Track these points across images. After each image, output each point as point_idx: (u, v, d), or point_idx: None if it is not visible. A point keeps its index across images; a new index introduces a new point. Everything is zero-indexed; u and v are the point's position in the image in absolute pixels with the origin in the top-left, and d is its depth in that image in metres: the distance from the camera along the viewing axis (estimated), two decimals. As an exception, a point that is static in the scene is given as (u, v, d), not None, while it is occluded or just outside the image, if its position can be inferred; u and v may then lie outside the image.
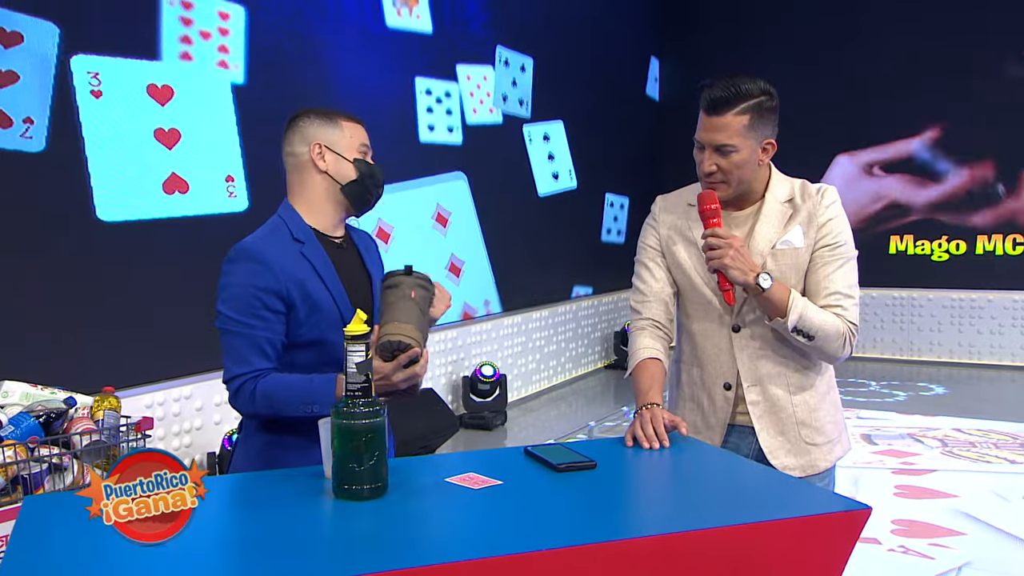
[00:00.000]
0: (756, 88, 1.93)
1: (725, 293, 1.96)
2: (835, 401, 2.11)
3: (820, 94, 7.95)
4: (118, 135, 3.64)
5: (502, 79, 6.34)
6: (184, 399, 3.83)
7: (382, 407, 1.53)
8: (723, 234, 1.93)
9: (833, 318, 1.94)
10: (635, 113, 8.40)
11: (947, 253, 7.91)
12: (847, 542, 1.49)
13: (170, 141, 3.84)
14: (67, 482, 2.49)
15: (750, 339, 2.02)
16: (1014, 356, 7.64)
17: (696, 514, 1.51)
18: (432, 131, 5.66)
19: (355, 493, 1.49)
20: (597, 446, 2.00)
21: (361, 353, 1.52)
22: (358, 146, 2.00)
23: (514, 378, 6.40)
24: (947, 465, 4.75)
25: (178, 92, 3.89)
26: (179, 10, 3.91)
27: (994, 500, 4.13)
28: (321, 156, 1.96)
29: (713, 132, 1.94)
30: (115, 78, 3.63)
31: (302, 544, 1.33)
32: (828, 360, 2.02)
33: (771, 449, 2.02)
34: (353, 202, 2.00)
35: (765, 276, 1.91)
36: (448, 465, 1.70)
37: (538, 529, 1.41)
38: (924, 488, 4.30)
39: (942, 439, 5.30)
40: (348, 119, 2.01)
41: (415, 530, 1.41)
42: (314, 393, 1.81)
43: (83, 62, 3.51)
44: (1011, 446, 5.17)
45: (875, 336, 8.12)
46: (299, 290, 1.88)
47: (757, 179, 2.01)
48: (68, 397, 2.70)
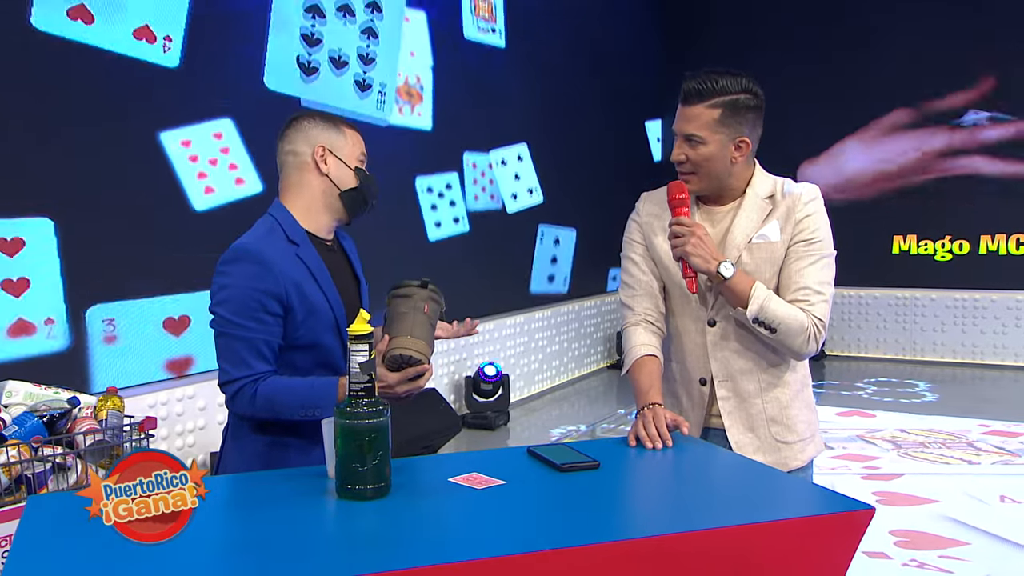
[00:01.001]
0: (735, 85, 1.93)
1: (688, 281, 1.96)
2: (808, 400, 2.10)
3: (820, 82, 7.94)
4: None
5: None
6: (187, 399, 3.83)
7: (386, 407, 1.53)
8: (687, 222, 1.94)
9: (798, 312, 1.93)
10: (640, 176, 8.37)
11: (950, 253, 7.89)
12: (851, 542, 1.49)
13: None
14: (71, 482, 2.49)
15: (723, 334, 2.02)
16: (1017, 356, 7.62)
17: (699, 514, 1.51)
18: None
19: (358, 493, 1.49)
20: (600, 446, 2.00)
21: (364, 353, 1.53)
22: (358, 154, 2.01)
23: (516, 378, 6.40)
24: (911, 468, 4.70)
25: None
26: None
27: (975, 504, 4.09)
28: (324, 159, 1.95)
29: (683, 122, 1.96)
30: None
31: (305, 544, 1.33)
32: (793, 356, 2.00)
33: (740, 445, 2.01)
34: (348, 209, 2.00)
35: (727, 265, 1.91)
36: (451, 465, 1.70)
37: (541, 529, 1.41)
38: (902, 494, 4.24)
39: (891, 440, 5.25)
40: (350, 126, 2.02)
41: (418, 530, 1.41)
42: (316, 397, 1.81)
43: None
44: (959, 445, 5.15)
45: (878, 336, 8.11)
46: (297, 293, 1.86)
47: (736, 176, 2.01)
48: (72, 397, 2.70)
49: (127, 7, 3.63)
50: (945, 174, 7.87)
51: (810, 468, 2.09)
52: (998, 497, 4.18)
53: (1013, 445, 5.18)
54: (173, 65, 3.85)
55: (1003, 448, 5.11)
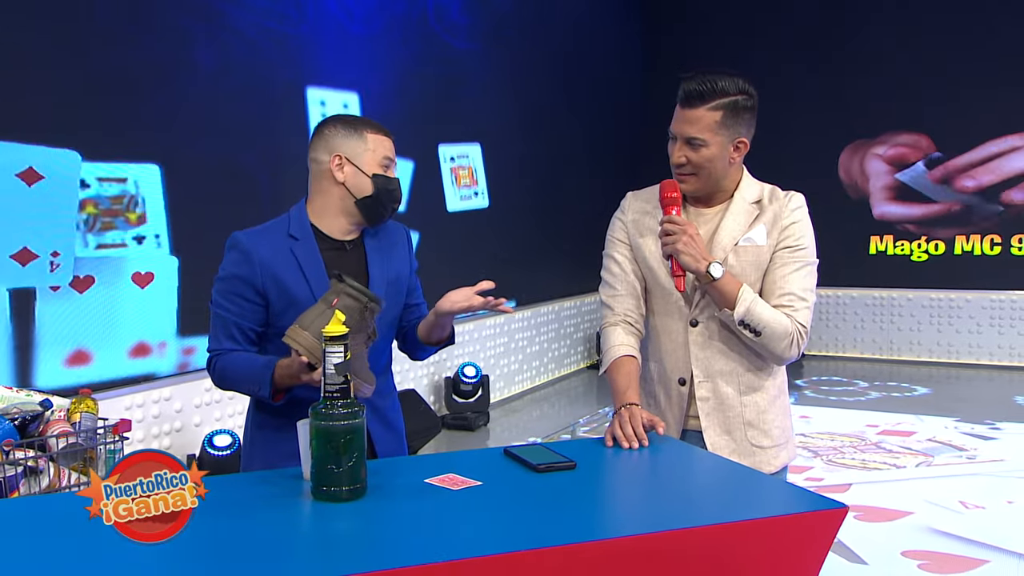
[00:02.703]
0: (733, 86, 1.94)
1: (676, 279, 1.97)
2: (784, 406, 2.11)
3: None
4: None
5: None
6: (164, 400, 3.80)
7: (361, 408, 1.53)
8: (679, 220, 1.95)
9: (782, 317, 1.95)
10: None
11: (926, 253, 7.99)
12: (824, 541, 1.50)
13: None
14: (43, 485, 2.46)
15: (706, 335, 2.02)
16: (991, 355, 7.73)
17: (675, 514, 1.52)
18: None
19: (334, 495, 1.49)
20: (577, 446, 2.00)
21: (340, 354, 1.52)
22: (380, 159, 1.99)
23: (496, 379, 6.39)
24: (849, 478, 4.53)
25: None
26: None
27: (950, 513, 4.01)
28: (340, 168, 1.96)
29: (685, 124, 1.95)
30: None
31: (279, 547, 1.33)
32: (775, 360, 2.02)
33: (716, 447, 2.02)
34: (366, 216, 2.00)
35: (717, 265, 1.92)
36: (428, 466, 1.70)
37: (517, 530, 1.41)
38: (871, 508, 4.11)
39: (807, 447, 5.11)
40: (374, 130, 1.99)
41: (394, 532, 1.41)
42: (254, 374, 1.90)
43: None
44: (868, 448, 5.10)
45: (855, 336, 8.19)
46: (275, 284, 1.93)
47: (727, 178, 2.02)
48: (44, 399, 2.67)
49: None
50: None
51: (783, 474, 2.10)
52: (959, 503, 4.14)
53: (919, 444, 5.17)
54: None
55: (910, 448, 5.10)
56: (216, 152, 4.12)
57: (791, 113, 7.83)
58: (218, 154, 4.13)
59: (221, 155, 4.15)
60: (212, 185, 4.09)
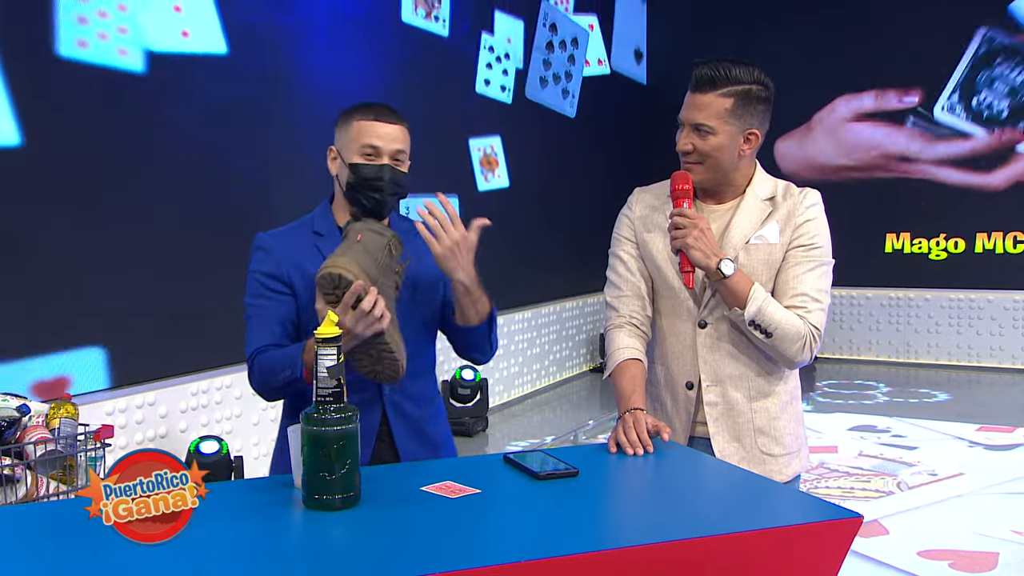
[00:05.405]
0: (747, 75, 1.89)
1: (685, 275, 1.92)
2: (797, 413, 2.05)
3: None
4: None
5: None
6: (148, 405, 3.67)
7: (355, 413, 1.49)
8: (690, 214, 1.89)
9: (795, 318, 1.88)
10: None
11: (945, 251, 7.84)
12: (838, 552, 1.46)
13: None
14: (19, 495, 2.38)
15: (715, 337, 1.97)
16: (1015, 359, 7.56)
17: (681, 523, 1.48)
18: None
19: (326, 503, 1.46)
20: (579, 453, 1.95)
21: (332, 357, 1.48)
22: (360, 147, 1.88)
23: (496, 382, 6.30)
24: (872, 510, 4.02)
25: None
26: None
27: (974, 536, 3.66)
28: (334, 160, 1.96)
29: (693, 110, 1.91)
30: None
31: (270, 557, 1.30)
32: (787, 364, 1.95)
33: (725, 455, 1.95)
34: (356, 209, 1.92)
35: (728, 262, 1.86)
36: (424, 473, 1.66)
37: (517, 540, 1.38)
38: (944, 551, 3.56)
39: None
40: (363, 116, 1.89)
41: (388, 542, 1.37)
42: (286, 356, 1.83)
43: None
44: (862, 474, 4.62)
45: (871, 338, 8.05)
46: (300, 274, 1.91)
47: (739, 172, 1.97)
48: (21, 404, 2.59)
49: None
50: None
51: (796, 484, 2.03)
52: (1010, 531, 3.74)
53: (917, 461, 4.80)
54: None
55: (909, 462, 4.72)
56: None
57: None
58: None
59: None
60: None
